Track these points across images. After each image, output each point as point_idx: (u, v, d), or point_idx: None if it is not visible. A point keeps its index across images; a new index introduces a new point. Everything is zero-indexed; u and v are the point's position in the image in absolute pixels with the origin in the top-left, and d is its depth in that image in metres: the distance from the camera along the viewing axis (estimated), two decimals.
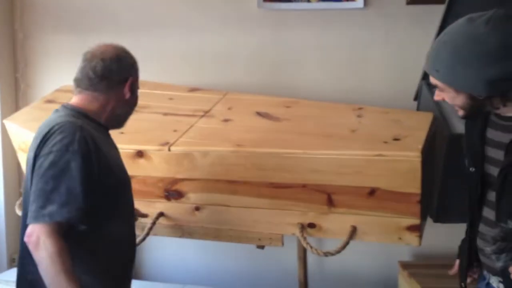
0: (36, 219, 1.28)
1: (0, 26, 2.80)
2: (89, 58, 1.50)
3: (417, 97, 2.38)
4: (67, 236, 1.31)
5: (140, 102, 2.42)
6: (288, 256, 2.53)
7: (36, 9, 2.84)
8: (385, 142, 1.80)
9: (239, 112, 2.22)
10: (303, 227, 1.92)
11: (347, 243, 1.83)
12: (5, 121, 2.40)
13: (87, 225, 1.34)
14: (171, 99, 2.41)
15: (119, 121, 1.61)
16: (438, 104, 1.98)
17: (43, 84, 2.86)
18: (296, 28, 2.67)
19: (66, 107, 1.49)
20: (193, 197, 2.06)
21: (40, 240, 1.26)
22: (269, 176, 1.91)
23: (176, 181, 2.04)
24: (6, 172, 2.78)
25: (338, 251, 1.84)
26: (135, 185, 2.06)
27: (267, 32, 2.69)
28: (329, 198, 1.85)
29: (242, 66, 2.71)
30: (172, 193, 2.06)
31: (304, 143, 1.89)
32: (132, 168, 2.04)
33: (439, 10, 2.10)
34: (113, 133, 2.09)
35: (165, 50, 2.77)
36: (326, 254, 1.85)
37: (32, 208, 1.30)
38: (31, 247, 1.28)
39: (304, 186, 1.87)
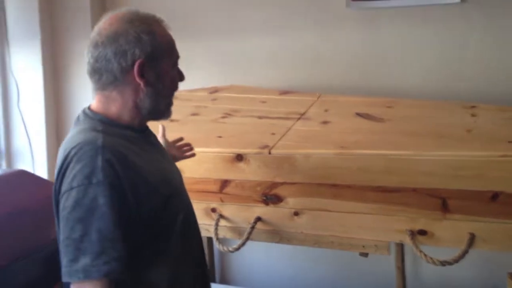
0: (70, 276, 1.02)
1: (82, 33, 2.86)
2: (88, 44, 1.16)
3: None
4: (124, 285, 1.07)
5: (233, 106, 2.45)
6: (384, 265, 2.41)
7: None
8: (510, 142, 1.65)
9: (337, 113, 2.14)
10: (413, 234, 1.80)
11: (466, 252, 1.69)
12: None
13: (130, 271, 1.06)
14: (263, 102, 2.38)
15: (152, 115, 1.23)
16: None
17: None
18: (387, 27, 2.56)
19: (86, 114, 1.20)
20: (292, 202, 2.00)
21: None
22: (376, 180, 1.81)
23: (275, 185, 1.99)
24: None
25: (456, 261, 1.70)
26: (232, 190, 2.06)
27: (356, 32, 2.60)
28: (444, 203, 1.72)
29: (332, 68, 2.64)
30: (270, 197, 2.01)
31: (414, 144, 1.77)
32: (230, 172, 2.02)
33: None
34: (210, 137, 2.11)
35: (252, 53, 2.75)
36: (443, 263, 1.72)
37: (63, 262, 1.04)
38: None
39: (414, 190, 1.76)
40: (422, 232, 1.80)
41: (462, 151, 1.68)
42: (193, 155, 1.80)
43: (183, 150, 1.78)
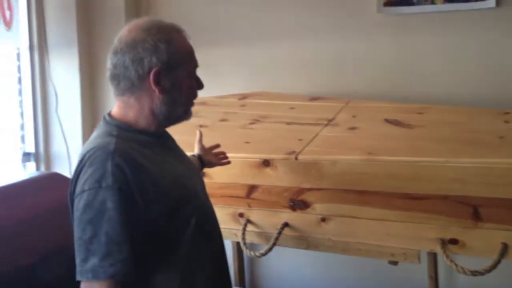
0: (81, 275, 1.07)
1: None
2: (110, 50, 1.20)
3: None
4: None
5: (261, 112, 2.46)
6: (416, 274, 2.35)
7: None
8: None
9: (366, 119, 2.12)
10: (444, 243, 1.76)
11: (498, 262, 1.64)
12: None
13: (140, 276, 1.10)
14: (292, 108, 2.38)
15: (169, 120, 1.25)
16: None
17: None
18: (420, 32, 2.52)
19: (105, 119, 1.24)
20: (319, 208, 1.98)
21: None
22: (405, 187, 1.78)
23: (302, 190, 1.98)
24: None
25: (488, 271, 1.65)
26: (260, 195, 2.07)
27: (388, 38, 2.57)
28: (475, 211, 1.68)
29: (362, 74, 2.61)
30: (297, 203, 2.01)
31: (444, 151, 1.73)
32: (258, 177, 2.03)
33: None
34: (238, 142, 2.13)
35: (282, 59, 2.76)
36: (474, 273, 1.67)
37: (77, 261, 1.09)
38: None
39: (445, 197, 1.72)
40: (453, 241, 1.76)
41: (494, 158, 1.63)
42: (228, 162, 1.85)
43: (219, 157, 1.83)
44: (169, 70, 1.17)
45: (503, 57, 2.39)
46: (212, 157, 1.78)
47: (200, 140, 1.76)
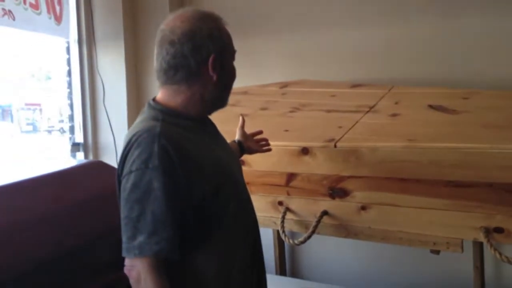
0: (128, 252, 1.11)
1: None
2: (159, 41, 1.23)
3: None
4: (172, 267, 1.14)
5: (301, 100, 2.45)
6: (461, 264, 2.28)
7: None
8: None
9: (408, 106, 2.06)
10: (488, 232, 1.69)
11: None
12: None
13: (179, 255, 1.13)
14: (333, 96, 2.35)
15: (214, 106, 1.31)
16: None
17: None
18: (467, 16, 2.42)
19: (150, 104, 1.27)
20: (359, 196, 1.96)
21: (141, 277, 1.11)
22: (448, 174, 1.72)
23: (341, 178, 1.96)
24: None
25: None
26: (299, 183, 2.06)
27: (433, 22, 2.50)
28: None
29: (407, 59, 2.55)
30: (337, 191, 1.99)
31: (490, 137, 1.66)
32: (297, 165, 2.02)
33: None
34: (277, 131, 2.13)
35: (326, 47, 2.74)
36: None
37: (123, 238, 1.13)
38: (132, 282, 1.14)
39: (490, 185, 1.65)
40: (499, 230, 1.69)
41: None
42: (269, 149, 1.83)
43: (261, 144, 1.82)
44: (222, 57, 1.24)
45: None
46: (253, 143, 1.78)
47: (242, 126, 1.77)
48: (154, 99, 1.29)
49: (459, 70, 2.43)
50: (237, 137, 1.77)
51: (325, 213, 2.04)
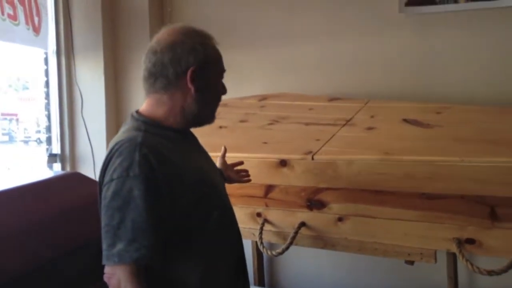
0: (108, 259, 1.13)
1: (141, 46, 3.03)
2: (146, 51, 1.29)
3: None
4: (154, 276, 1.16)
5: (280, 113, 2.48)
6: (435, 274, 2.33)
7: None
8: None
9: (384, 120, 2.12)
10: (460, 243, 1.74)
11: None
12: None
13: (161, 264, 1.16)
14: (311, 109, 2.40)
15: (198, 121, 1.33)
16: None
17: None
18: (441, 32, 2.51)
19: (133, 116, 1.31)
20: (336, 207, 1.99)
21: (121, 285, 1.12)
22: (421, 186, 1.77)
23: (319, 190, 2.00)
24: None
25: (505, 271, 1.63)
26: (277, 195, 2.09)
27: (409, 37, 2.57)
28: (492, 211, 1.66)
29: (383, 74, 2.61)
30: (314, 202, 2.02)
31: (462, 150, 1.72)
32: (275, 177, 2.05)
33: None
34: (256, 143, 2.16)
35: (303, 60, 2.79)
36: (490, 273, 1.65)
37: (103, 246, 1.15)
38: None
39: (462, 197, 1.70)
40: (470, 241, 1.74)
41: None
42: (249, 180, 1.85)
43: (241, 174, 1.84)
44: (204, 71, 1.26)
45: None
46: (233, 173, 1.80)
47: (223, 156, 1.79)
48: (137, 111, 1.32)
49: (433, 84, 2.50)
50: (218, 165, 1.78)
51: (302, 224, 2.07)
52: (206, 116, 1.34)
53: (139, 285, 1.12)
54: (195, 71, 1.25)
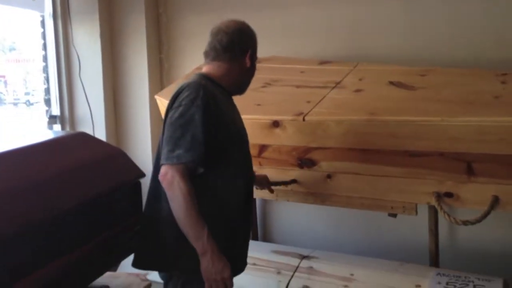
0: (167, 159, 1.49)
1: (147, 11, 3.09)
2: (215, 33, 1.71)
3: None
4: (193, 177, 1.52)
5: (273, 76, 2.57)
6: (418, 228, 2.49)
7: None
8: None
9: (371, 82, 2.22)
10: (439, 196, 1.89)
11: (488, 213, 1.77)
12: (156, 96, 2.67)
13: (205, 168, 1.53)
14: (302, 72, 2.49)
15: (240, 87, 1.78)
16: None
17: (185, 63, 3.12)
18: None
19: (196, 74, 1.71)
20: (325, 166, 2.13)
21: (174, 180, 1.46)
22: (404, 145, 1.90)
23: (309, 149, 2.12)
24: (155, 141, 3.08)
25: (478, 221, 1.78)
26: (270, 154, 2.22)
27: (397, 2, 2.63)
28: (469, 166, 1.80)
29: (372, 38, 2.68)
30: (305, 161, 2.15)
31: (442, 111, 1.84)
32: (268, 137, 2.17)
33: None
34: (250, 105, 2.26)
35: (294, 24, 2.85)
36: (465, 223, 1.80)
37: (164, 151, 1.51)
38: (165, 185, 1.49)
39: (441, 154, 1.84)
40: (449, 195, 1.89)
41: (488, 117, 1.73)
42: (272, 191, 2.15)
43: (270, 187, 2.15)
44: (254, 54, 1.75)
45: (504, 21, 2.43)
46: (266, 181, 2.12)
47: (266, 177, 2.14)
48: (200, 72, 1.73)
49: (418, 48, 2.57)
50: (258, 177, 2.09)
51: (294, 181, 2.21)
52: (247, 85, 1.79)
53: (187, 181, 1.46)
54: (251, 53, 1.71)
